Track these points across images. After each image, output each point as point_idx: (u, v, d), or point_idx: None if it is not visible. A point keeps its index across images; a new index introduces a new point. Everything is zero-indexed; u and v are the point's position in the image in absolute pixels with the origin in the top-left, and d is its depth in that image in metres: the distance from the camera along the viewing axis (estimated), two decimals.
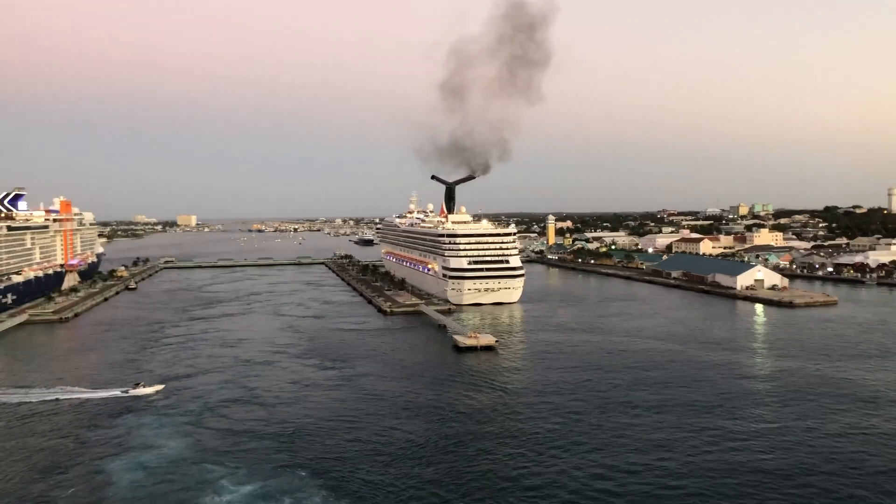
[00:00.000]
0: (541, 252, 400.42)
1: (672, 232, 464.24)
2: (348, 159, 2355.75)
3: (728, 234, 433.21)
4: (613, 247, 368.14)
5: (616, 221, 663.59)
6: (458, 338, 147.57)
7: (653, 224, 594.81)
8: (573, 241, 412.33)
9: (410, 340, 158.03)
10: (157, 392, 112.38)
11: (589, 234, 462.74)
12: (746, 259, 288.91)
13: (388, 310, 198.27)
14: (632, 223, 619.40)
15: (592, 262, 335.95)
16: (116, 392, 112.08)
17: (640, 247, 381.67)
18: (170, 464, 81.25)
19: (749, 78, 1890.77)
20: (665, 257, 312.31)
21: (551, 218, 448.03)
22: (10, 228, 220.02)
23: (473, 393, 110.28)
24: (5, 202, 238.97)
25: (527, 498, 70.58)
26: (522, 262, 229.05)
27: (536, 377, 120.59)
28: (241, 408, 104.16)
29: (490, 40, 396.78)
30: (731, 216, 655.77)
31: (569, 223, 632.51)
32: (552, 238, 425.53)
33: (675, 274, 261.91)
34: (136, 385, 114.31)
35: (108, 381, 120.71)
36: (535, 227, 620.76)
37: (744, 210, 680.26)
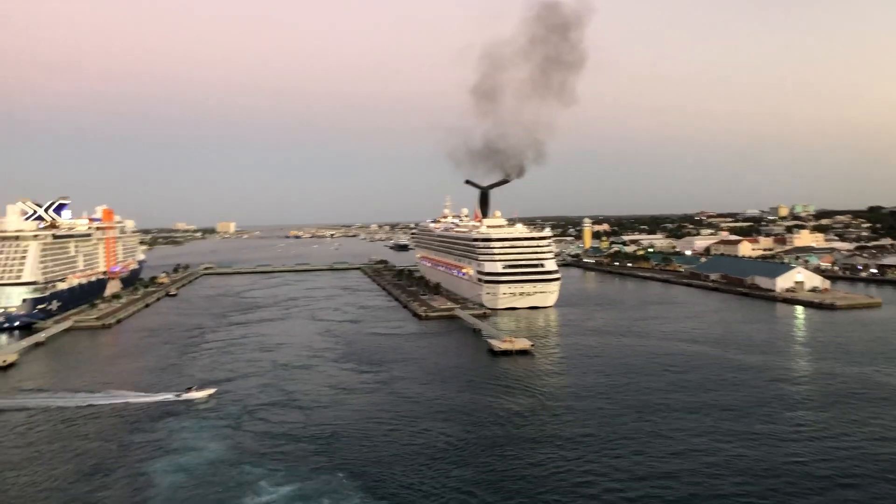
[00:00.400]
0: (577, 256, 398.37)
1: (710, 234, 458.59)
2: (384, 165, 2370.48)
3: (768, 235, 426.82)
4: (651, 250, 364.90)
5: (653, 224, 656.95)
6: (493, 342, 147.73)
7: (691, 226, 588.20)
8: (610, 245, 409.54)
9: (445, 345, 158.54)
10: (209, 396, 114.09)
11: (626, 237, 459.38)
12: (787, 261, 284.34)
13: (424, 314, 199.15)
14: (669, 226, 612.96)
15: (629, 265, 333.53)
16: (170, 396, 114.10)
17: (677, 249, 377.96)
18: (209, 465, 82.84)
19: (788, 77, 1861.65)
20: (703, 260, 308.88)
21: (587, 221, 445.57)
22: (55, 237, 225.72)
23: (509, 397, 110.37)
24: (50, 211, 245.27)
25: (563, 501, 70.61)
26: (558, 265, 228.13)
27: (572, 381, 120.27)
28: (279, 411, 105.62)
29: (523, 42, 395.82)
30: (770, 217, 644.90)
31: (605, 226, 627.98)
32: (588, 241, 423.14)
33: (713, 276, 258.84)
34: (189, 389, 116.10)
35: (149, 385, 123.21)
36: (572, 230, 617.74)
37: (784, 211, 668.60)
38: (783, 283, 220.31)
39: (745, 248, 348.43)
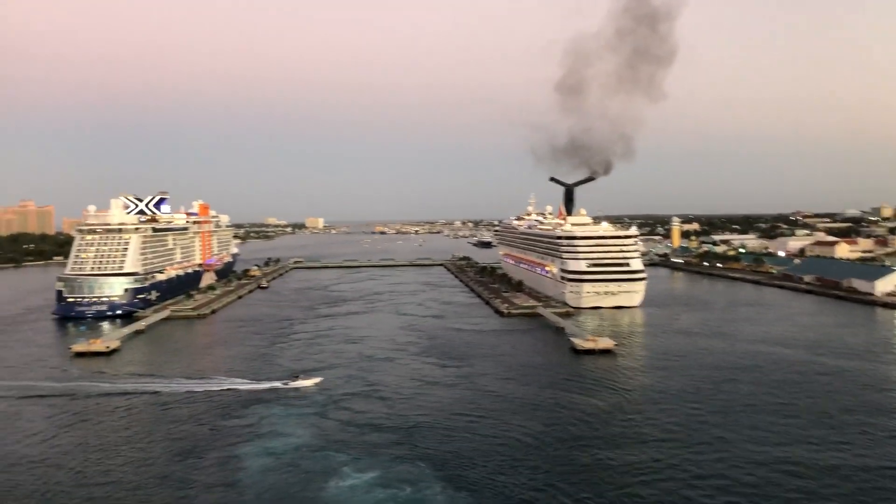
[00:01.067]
0: (665, 255, 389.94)
1: (806, 235, 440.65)
2: (469, 162, 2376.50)
3: (868, 237, 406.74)
4: (742, 250, 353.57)
5: (746, 224, 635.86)
6: (576, 340, 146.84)
7: (785, 226, 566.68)
8: (699, 244, 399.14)
9: (527, 342, 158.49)
10: (316, 384, 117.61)
11: (716, 237, 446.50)
12: (888, 263, 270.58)
13: (506, 311, 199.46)
14: (763, 225, 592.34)
15: (719, 265, 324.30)
16: (277, 384, 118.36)
17: (770, 250, 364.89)
18: (296, 450, 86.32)
19: (889, 70, 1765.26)
20: (797, 261, 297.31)
21: (676, 220, 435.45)
22: (154, 230, 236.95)
23: (590, 395, 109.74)
24: (150, 205, 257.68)
25: (643, 502, 70.11)
26: (645, 265, 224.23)
27: (655, 382, 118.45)
28: (363, 401, 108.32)
29: (609, 36, 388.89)
30: (872, 218, 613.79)
31: (695, 225, 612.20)
32: (677, 241, 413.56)
33: (807, 278, 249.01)
34: (296, 377, 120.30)
35: (243, 372, 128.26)
36: (660, 229, 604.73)
37: (887, 211, 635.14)
38: (883, 286, 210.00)
39: (843, 250, 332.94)
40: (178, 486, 76.12)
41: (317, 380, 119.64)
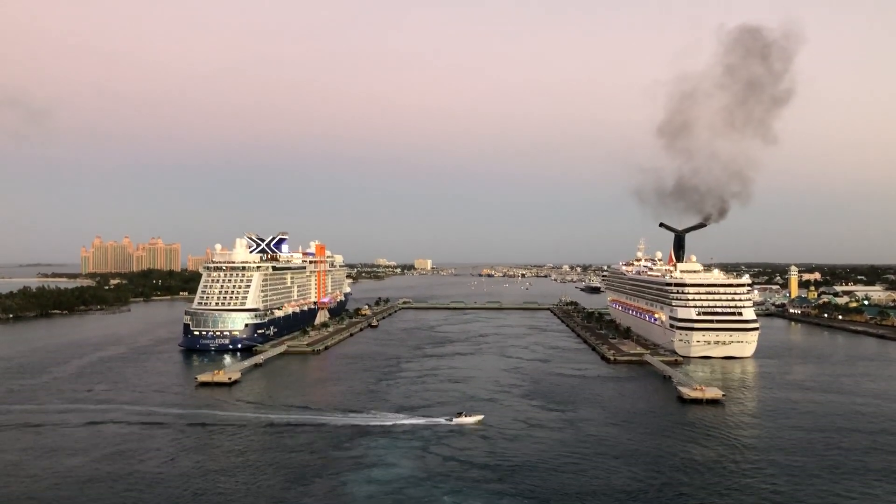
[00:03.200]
0: (782, 305, 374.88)
1: None
2: (579, 207, 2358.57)
3: None
4: (866, 302, 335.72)
5: (872, 274, 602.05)
6: (683, 389, 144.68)
7: None
8: (819, 295, 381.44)
9: (633, 389, 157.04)
10: (478, 422, 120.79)
11: (838, 288, 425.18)
12: None
13: (612, 358, 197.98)
14: (891, 277, 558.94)
15: (840, 317, 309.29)
16: (441, 420, 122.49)
17: None
18: (399, 480, 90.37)
19: None
20: None
21: (794, 269, 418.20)
22: (274, 269, 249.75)
23: (695, 445, 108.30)
24: (271, 245, 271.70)
25: None
26: (761, 315, 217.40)
27: (764, 434, 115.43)
28: (464, 439, 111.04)
29: (718, 74, 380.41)
30: None
31: (816, 275, 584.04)
32: (794, 291, 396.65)
33: None
34: (459, 414, 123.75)
35: (351, 405, 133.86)
36: (778, 278, 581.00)
37: None
38: None
39: None
40: None
41: (479, 417, 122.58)
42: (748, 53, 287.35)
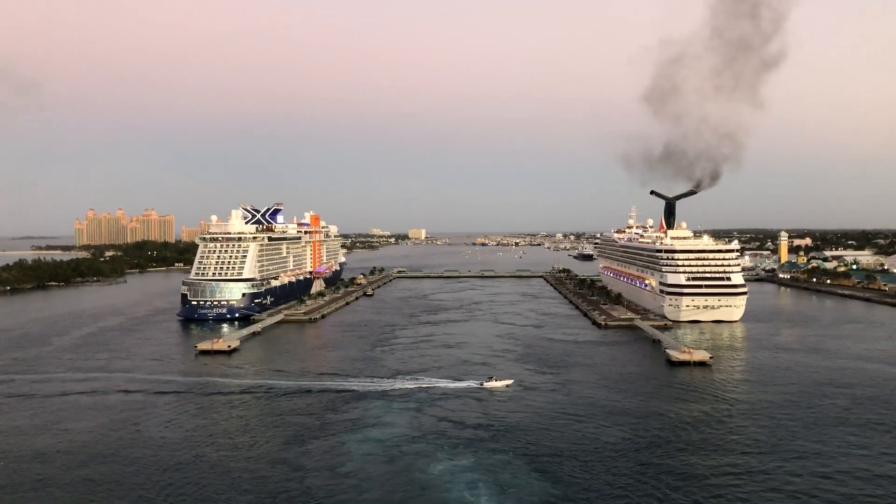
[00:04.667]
0: (772, 270, 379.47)
1: None
2: (572, 175, 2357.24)
3: None
4: (854, 266, 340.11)
5: (864, 239, 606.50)
6: (671, 352, 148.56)
7: None
8: (808, 260, 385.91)
9: (623, 353, 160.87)
10: (508, 386, 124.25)
11: (828, 253, 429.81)
12: None
13: (603, 323, 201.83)
14: (881, 241, 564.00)
15: (828, 282, 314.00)
16: (473, 384, 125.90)
17: (886, 267, 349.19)
18: (395, 439, 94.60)
19: None
20: None
21: (783, 235, 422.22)
22: (270, 239, 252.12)
23: (681, 405, 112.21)
24: (266, 216, 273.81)
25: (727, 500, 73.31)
26: (751, 280, 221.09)
27: (748, 394, 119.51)
28: (457, 401, 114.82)
29: (706, 38, 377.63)
30: None
31: (807, 240, 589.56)
32: (784, 256, 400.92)
33: None
34: (490, 379, 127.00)
35: (358, 371, 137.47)
36: (770, 244, 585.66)
37: None
38: None
39: None
40: (289, 468, 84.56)
41: (508, 381, 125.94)
42: (736, 14, 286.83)
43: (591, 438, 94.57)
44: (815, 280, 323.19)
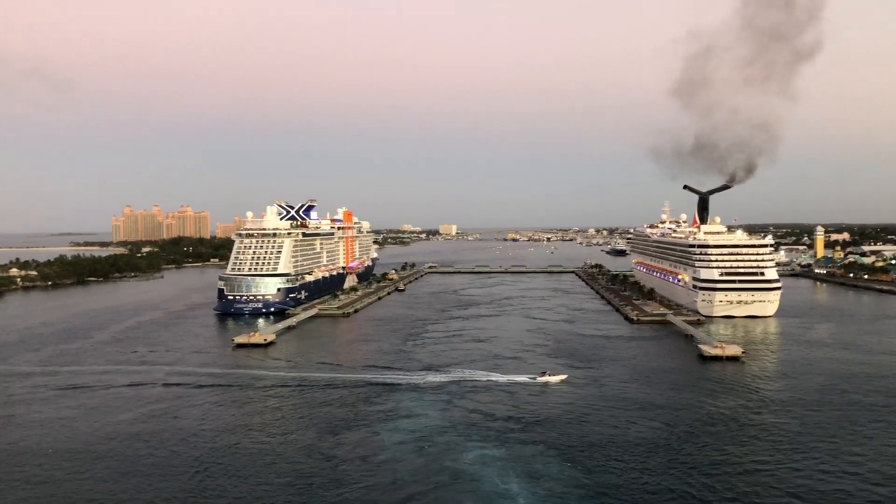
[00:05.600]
0: (808, 265, 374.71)
1: None
2: (602, 168, 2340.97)
3: None
4: (893, 261, 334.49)
5: None
6: (703, 347, 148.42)
7: None
8: (845, 255, 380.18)
9: (655, 348, 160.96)
10: (562, 381, 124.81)
11: (866, 248, 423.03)
12: None
13: (635, 318, 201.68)
14: None
15: (865, 277, 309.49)
16: (526, 378, 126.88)
17: None
18: (427, 429, 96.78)
19: None
20: None
21: (820, 229, 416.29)
22: (304, 235, 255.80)
23: (712, 399, 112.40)
24: (300, 212, 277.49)
25: (744, 497, 73.88)
26: (787, 275, 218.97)
27: (780, 388, 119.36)
28: (487, 395, 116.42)
29: (739, 28, 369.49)
30: None
31: (846, 235, 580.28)
32: (821, 251, 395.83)
33: None
34: (543, 373, 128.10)
35: (389, 363, 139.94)
36: (807, 239, 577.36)
37: None
38: None
39: None
40: (323, 457, 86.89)
41: (563, 376, 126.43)
42: (769, 4, 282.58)
43: (621, 431, 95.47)
44: (851, 275, 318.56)
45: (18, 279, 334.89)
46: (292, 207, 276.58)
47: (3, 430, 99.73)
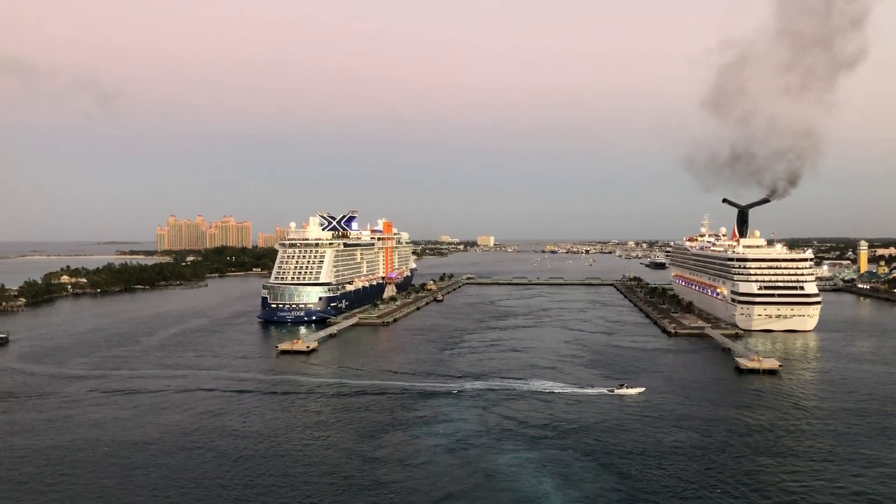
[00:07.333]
0: (851, 280, 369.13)
1: None
2: (646, 182, 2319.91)
3: None
4: None
5: None
6: (740, 360, 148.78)
7: None
8: (889, 270, 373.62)
9: (692, 361, 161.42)
10: (640, 393, 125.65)
11: None
12: None
13: (673, 331, 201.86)
14: None
15: None
16: (603, 390, 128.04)
17: None
18: (462, 433, 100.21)
19: None
20: None
21: (863, 244, 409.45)
22: (345, 245, 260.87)
23: (748, 411, 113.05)
24: (342, 223, 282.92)
25: None
26: (829, 290, 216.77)
27: (817, 402, 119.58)
28: (523, 402, 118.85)
29: (774, 36, 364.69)
30: None
31: (891, 250, 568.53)
32: (864, 265, 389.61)
33: None
34: (621, 385, 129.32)
35: (429, 373, 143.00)
36: (850, 254, 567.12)
37: None
38: None
39: None
40: (362, 459, 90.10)
41: (640, 389, 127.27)
42: (806, 11, 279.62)
43: (657, 440, 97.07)
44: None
45: (69, 286, 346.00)
46: (334, 218, 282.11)
47: (63, 429, 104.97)
